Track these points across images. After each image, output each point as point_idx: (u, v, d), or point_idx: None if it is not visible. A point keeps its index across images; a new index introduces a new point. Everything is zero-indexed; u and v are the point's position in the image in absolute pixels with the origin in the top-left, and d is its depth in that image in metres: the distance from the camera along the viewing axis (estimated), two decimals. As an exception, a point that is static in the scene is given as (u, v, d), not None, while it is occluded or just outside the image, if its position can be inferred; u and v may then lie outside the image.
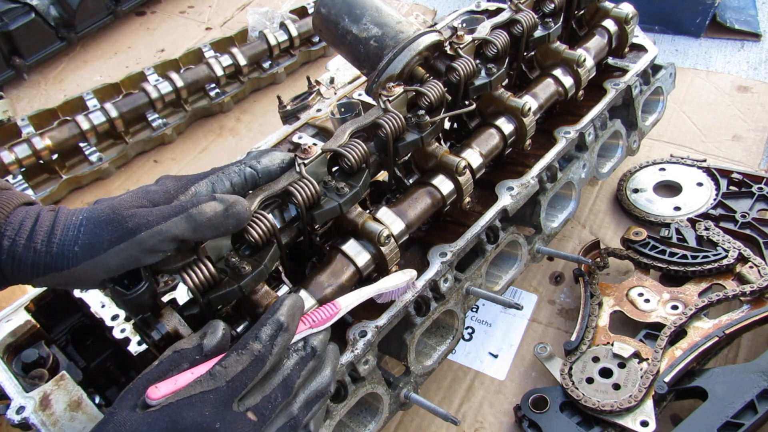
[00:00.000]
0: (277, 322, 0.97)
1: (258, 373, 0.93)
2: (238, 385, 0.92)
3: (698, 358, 1.49)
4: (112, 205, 0.99)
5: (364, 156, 1.30)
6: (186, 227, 0.98)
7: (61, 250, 0.94)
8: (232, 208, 1.03)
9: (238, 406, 0.92)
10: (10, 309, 1.33)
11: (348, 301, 1.15)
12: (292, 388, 0.98)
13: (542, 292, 1.84)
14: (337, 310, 1.11)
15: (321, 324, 1.07)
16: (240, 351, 0.94)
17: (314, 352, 1.02)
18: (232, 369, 0.92)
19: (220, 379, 0.91)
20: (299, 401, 1.01)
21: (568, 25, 1.91)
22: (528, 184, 1.55)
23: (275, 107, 1.94)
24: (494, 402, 1.62)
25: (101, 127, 2.33)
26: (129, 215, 0.96)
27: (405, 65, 1.47)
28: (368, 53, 1.49)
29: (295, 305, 1.01)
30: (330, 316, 1.09)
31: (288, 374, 0.98)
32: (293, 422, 0.99)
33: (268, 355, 0.94)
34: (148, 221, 0.96)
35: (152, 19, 3.31)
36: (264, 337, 0.95)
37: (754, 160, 2.15)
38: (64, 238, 0.94)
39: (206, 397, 0.89)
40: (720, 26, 2.73)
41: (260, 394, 0.95)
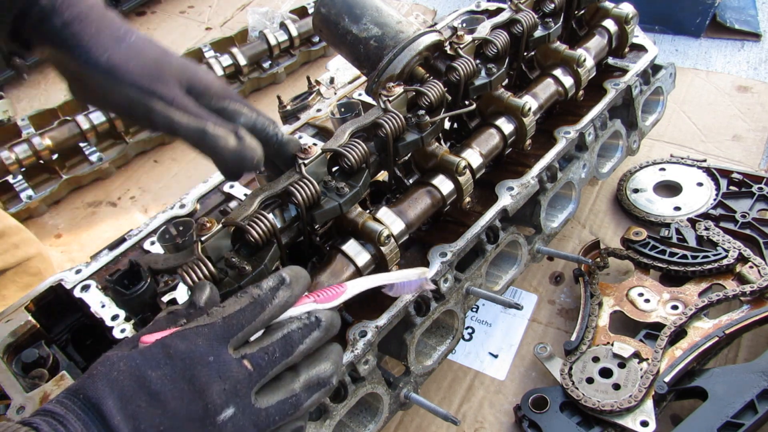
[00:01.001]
0: (279, 276, 0.94)
1: (256, 316, 0.89)
2: (234, 324, 0.87)
3: (698, 358, 1.49)
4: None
5: (364, 156, 1.30)
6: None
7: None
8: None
9: (235, 351, 0.87)
10: (10, 309, 1.33)
11: (355, 284, 1.09)
12: (293, 348, 0.91)
13: (542, 292, 1.84)
14: (342, 290, 1.05)
15: (326, 301, 1.02)
16: (239, 294, 0.91)
17: (319, 323, 0.95)
18: (229, 307, 0.89)
19: (215, 316, 0.88)
20: (300, 380, 0.93)
21: (568, 25, 1.92)
22: (528, 184, 1.55)
23: (275, 107, 1.94)
24: (494, 402, 1.62)
25: (101, 127, 2.33)
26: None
27: (405, 65, 1.47)
28: (368, 53, 1.49)
29: (299, 272, 0.97)
30: (335, 296, 1.04)
31: (290, 332, 0.92)
32: (294, 400, 0.91)
33: (267, 301, 0.90)
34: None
35: (152, 19, 3.31)
36: (265, 286, 0.92)
37: (754, 160, 2.15)
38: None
39: (200, 330, 0.86)
40: (720, 26, 2.73)
41: (258, 345, 0.89)
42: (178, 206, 1.48)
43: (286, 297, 0.93)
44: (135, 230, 1.44)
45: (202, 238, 1.10)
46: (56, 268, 2.11)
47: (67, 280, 1.35)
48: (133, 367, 0.82)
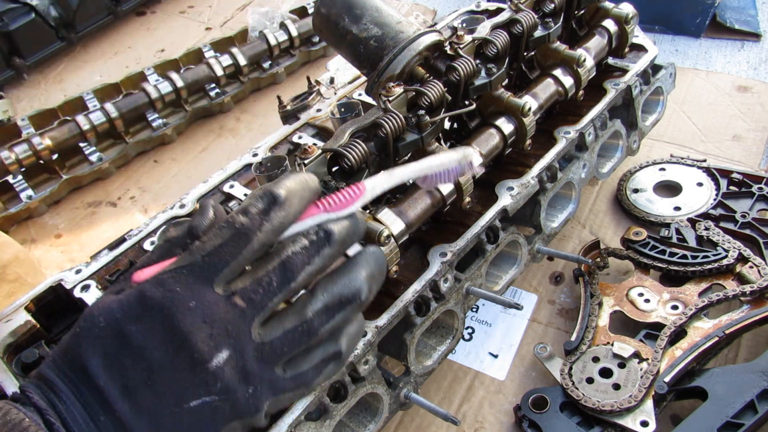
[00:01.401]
0: (271, 195, 0.81)
1: (242, 249, 0.78)
2: (217, 261, 0.78)
3: (698, 358, 1.49)
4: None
5: (364, 156, 1.30)
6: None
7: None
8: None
9: (224, 289, 0.79)
10: (10, 309, 1.33)
11: (375, 182, 0.92)
12: (294, 273, 0.80)
13: (542, 292, 1.84)
14: (360, 192, 0.89)
15: (340, 208, 0.86)
16: (221, 224, 0.80)
17: (329, 237, 0.83)
18: (210, 243, 0.79)
19: (196, 254, 0.79)
20: (316, 304, 0.82)
21: (568, 25, 1.91)
22: (528, 184, 1.55)
23: (275, 107, 1.93)
24: (494, 402, 1.62)
25: (101, 127, 2.33)
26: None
27: (405, 65, 1.47)
28: (368, 53, 1.49)
29: (303, 182, 0.84)
30: (352, 199, 0.87)
31: (288, 257, 0.81)
32: (306, 327, 0.82)
33: (255, 229, 0.79)
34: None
35: (152, 19, 3.31)
36: (252, 210, 0.80)
37: (754, 160, 2.15)
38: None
39: (179, 273, 0.78)
40: (720, 26, 2.73)
41: (251, 277, 0.80)
42: (178, 206, 1.48)
43: (280, 218, 0.81)
44: (135, 230, 1.44)
45: (202, 238, 1.10)
46: (56, 268, 2.11)
47: (67, 280, 1.34)
48: (113, 322, 0.77)
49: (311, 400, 1.17)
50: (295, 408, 1.16)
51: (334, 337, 0.86)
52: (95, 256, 1.40)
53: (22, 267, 1.86)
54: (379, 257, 0.90)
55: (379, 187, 0.92)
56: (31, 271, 1.90)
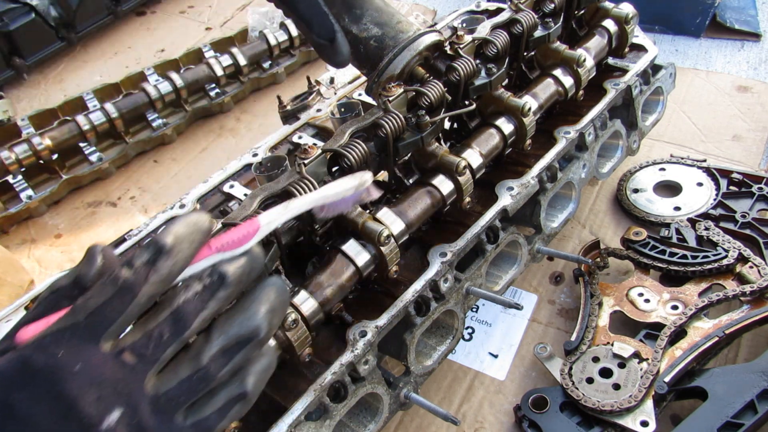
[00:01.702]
0: (156, 244, 0.77)
1: (127, 305, 0.75)
2: (101, 320, 0.74)
3: (698, 358, 1.49)
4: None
5: (364, 156, 1.30)
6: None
7: None
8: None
9: (112, 346, 0.75)
10: (10, 309, 1.33)
11: (270, 216, 0.90)
12: (187, 321, 0.77)
13: (542, 292, 1.84)
14: (256, 228, 0.86)
15: (235, 247, 0.83)
16: (105, 280, 0.76)
17: (223, 279, 0.79)
18: (93, 301, 0.75)
19: (79, 314, 0.74)
20: (212, 348, 0.79)
21: (568, 25, 1.92)
22: (528, 184, 1.55)
23: (275, 107, 1.93)
24: (494, 402, 1.62)
25: (101, 127, 2.33)
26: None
27: (405, 65, 1.47)
28: (368, 53, 1.49)
29: (192, 225, 0.80)
30: (246, 236, 0.85)
31: (179, 305, 0.77)
32: (203, 374, 0.78)
33: (140, 283, 0.75)
34: None
35: (152, 19, 3.31)
36: (137, 262, 0.76)
37: (754, 160, 2.15)
38: None
39: (61, 336, 0.74)
40: (720, 26, 2.73)
41: (141, 331, 0.77)
42: (178, 206, 1.48)
43: (168, 268, 0.77)
44: (135, 230, 1.44)
45: (202, 238, 1.10)
46: (56, 268, 2.11)
47: (67, 280, 1.34)
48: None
49: (311, 400, 1.17)
50: (295, 408, 1.16)
51: (238, 378, 0.83)
52: (95, 256, 1.40)
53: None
54: (279, 288, 0.86)
55: (275, 221, 0.91)
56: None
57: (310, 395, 1.17)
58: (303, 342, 1.18)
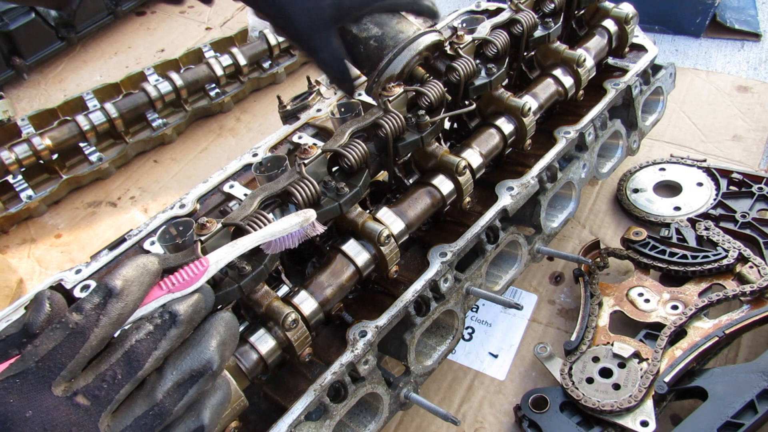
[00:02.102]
0: (105, 287, 0.79)
1: (78, 349, 0.76)
2: (52, 365, 0.75)
3: (698, 358, 1.49)
4: None
5: (364, 156, 1.30)
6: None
7: None
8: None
9: (64, 389, 0.76)
10: (10, 309, 1.33)
11: (219, 255, 0.95)
12: (140, 362, 0.79)
13: (542, 292, 1.84)
14: (204, 267, 0.90)
15: (185, 287, 0.87)
16: (54, 326, 0.77)
17: (174, 318, 0.82)
18: (43, 347, 0.75)
19: (28, 360, 0.75)
20: (165, 384, 0.80)
21: (568, 25, 1.92)
22: (528, 184, 1.55)
23: (275, 107, 1.93)
24: (494, 402, 1.61)
25: (101, 127, 2.33)
26: None
27: (405, 65, 1.47)
28: (368, 53, 1.49)
29: (141, 267, 0.82)
30: (196, 276, 0.88)
31: (132, 346, 0.79)
32: (158, 410, 0.79)
33: (90, 327, 0.76)
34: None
35: (152, 19, 3.31)
36: (87, 306, 0.77)
37: (754, 160, 2.15)
38: None
39: (11, 383, 0.74)
40: (720, 26, 2.73)
41: (93, 373, 0.78)
42: (178, 206, 1.47)
43: (118, 310, 0.79)
44: (135, 230, 1.43)
45: (202, 238, 1.10)
46: (56, 268, 2.11)
47: (67, 280, 1.34)
48: None
49: (311, 400, 1.17)
50: (295, 408, 1.16)
51: (195, 411, 0.84)
52: (95, 256, 1.40)
53: None
54: (229, 321, 0.88)
55: (224, 260, 0.95)
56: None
57: (310, 395, 1.17)
58: (303, 342, 1.18)
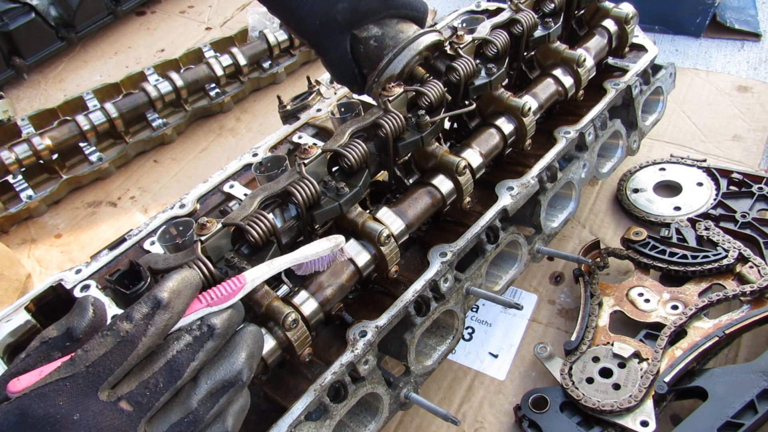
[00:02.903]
0: (155, 299, 0.84)
1: (126, 356, 0.80)
2: (101, 371, 0.79)
3: (698, 358, 1.49)
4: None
5: (364, 156, 1.30)
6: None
7: None
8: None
9: (109, 395, 0.80)
10: (10, 309, 1.33)
11: (255, 274, 1.01)
12: (180, 371, 0.84)
13: (542, 292, 1.84)
14: (241, 284, 0.96)
15: (222, 301, 0.92)
16: (105, 332, 0.81)
17: (212, 331, 0.87)
18: (93, 353, 0.79)
19: (79, 365, 0.79)
20: (200, 392, 0.86)
21: (568, 25, 1.91)
22: (528, 184, 1.55)
23: (275, 107, 1.93)
24: (494, 402, 1.62)
25: (101, 127, 2.34)
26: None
27: (405, 65, 1.47)
28: (368, 53, 1.49)
29: (184, 281, 0.88)
30: (233, 292, 0.94)
31: (173, 356, 0.84)
32: (192, 417, 0.85)
33: (140, 335, 0.81)
34: None
35: (152, 19, 3.31)
36: (136, 315, 0.82)
37: (754, 160, 2.15)
38: None
39: (61, 386, 0.77)
40: (720, 26, 2.73)
41: (137, 380, 0.82)
42: (178, 206, 1.48)
43: (165, 321, 0.84)
44: (135, 230, 1.44)
45: (202, 238, 1.10)
46: (56, 268, 2.12)
47: (67, 280, 1.34)
48: None
49: (311, 400, 1.17)
50: (295, 408, 1.16)
51: (220, 417, 0.90)
52: (95, 256, 1.40)
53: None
54: (257, 335, 0.94)
55: (260, 279, 1.01)
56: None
57: (310, 395, 1.17)
58: (303, 342, 1.18)
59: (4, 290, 1.82)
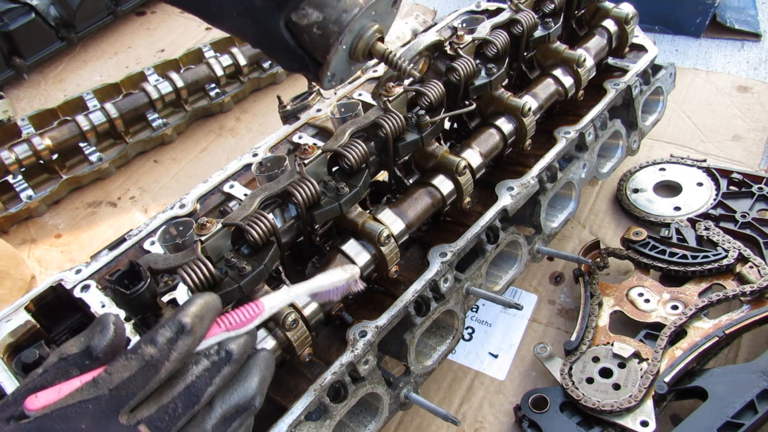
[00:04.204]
0: (179, 324, 0.85)
1: (149, 380, 0.81)
2: (124, 395, 0.80)
3: (698, 358, 1.49)
4: None
5: (364, 156, 1.30)
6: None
7: None
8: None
9: (128, 418, 0.80)
10: (10, 309, 1.33)
11: (273, 302, 1.02)
12: (199, 396, 0.85)
13: (542, 292, 1.84)
14: (259, 311, 0.98)
15: (240, 326, 0.94)
16: (129, 356, 0.82)
17: (230, 357, 0.89)
18: (117, 375, 0.80)
19: (102, 387, 0.79)
20: (214, 416, 0.87)
21: (568, 25, 1.91)
22: (528, 184, 1.55)
23: (275, 107, 1.93)
24: (494, 402, 1.61)
25: (101, 127, 2.33)
26: None
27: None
28: (314, 43, 1.25)
29: (206, 306, 0.89)
30: (251, 318, 0.96)
31: (192, 381, 0.85)
32: None
33: (163, 360, 0.82)
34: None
35: (152, 19, 3.30)
36: (161, 340, 0.83)
37: (754, 160, 2.15)
38: None
39: (84, 408, 0.78)
40: (720, 26, 2.73)
41: (156, 404, 0.83)
42: (178, 206, 1.48)
43: (187, 346, 0.85)
44: (135, 230, 1.44)
45: (202, 238, 1.10)
46: (56, 268, 2.11)
47: (67, 280, 1.34)
48: None
49: (311, 400, 1.17)
50: (295, 408, 1.16)
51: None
52: (95, 256, 1.40)
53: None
54: (269, 360, 0.96)
55: (277, 306, 1.02)
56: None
57: (310, 395, 1.17)
58: (303, 342, 1.18)
59: (9, 290, 1.83)
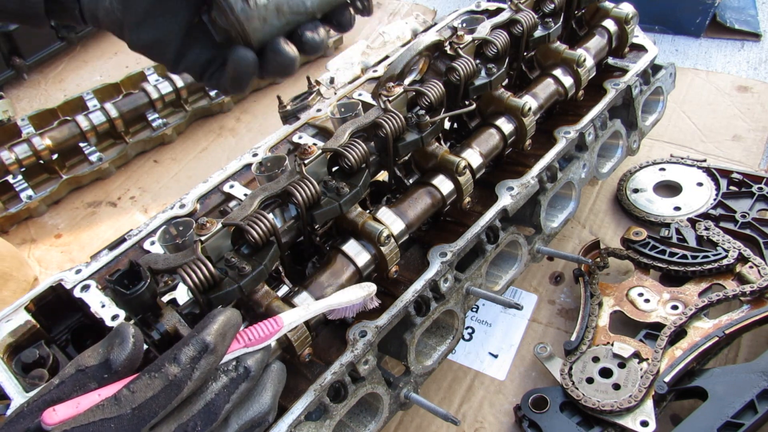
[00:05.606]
0: (202, 342, 0.85)
1: (172, 400, 0.82)
2: (147, 414, 0.80)
3: (698, 358, 1.49)
4: None
5: (364, 156, 1.30)
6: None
7: None
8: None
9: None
10: (10, 309, 1.33)
11: (292, 317, 1.05)
12: (217, 414, 0.86)
13: (542, 292, 1.84)
14: (278, 327, 1.00)
15: (258, 342, 0.95)
16: (153, 374, 0.82)
17: (248, 373, 0.90)
18: (140, 394, 0.80)
19: (125, 406, 0.79)
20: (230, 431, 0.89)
21: (568, 25, 1.92)
22: (528, 184, 1.55)
23: (275, 107, 1.93)
24: (494, 402, 1.61)
25: (101, 127, 2.34)
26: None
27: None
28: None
29: (228, 323, 0.89)
30: (269, 334, 0.97)
31: (212, 399, 0.86)
32: None
33: (186, 380, 0.82)
34: None
35: (152, 19, 3.30)
36: (184, 359, 0.83)
37: (754, 160, 2.15)
38: None
39: (106, 426, 0.78)
40: (720, 26, 2.73)
41: (176, 422, 0.83)
42: (178, 206, 1.48)
43: (210, 364, 0.85)
44: (135, 230, 1.44)
45: (202, 238, 1.10)
46: (56, 268, 2.12)
47: (67, 280, 1.34)
48: None
49: (311, 400, 1.17)
50: (295, 408, 1.16)
51: None
52: (95, 256, 1.40)
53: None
54: (281, 374, 0.98)
55: (296, 322, 1.05)
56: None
57: (310, 395, 1.17)
58: (303, 342, 1.18)
59: (13, 291, 1.83)
